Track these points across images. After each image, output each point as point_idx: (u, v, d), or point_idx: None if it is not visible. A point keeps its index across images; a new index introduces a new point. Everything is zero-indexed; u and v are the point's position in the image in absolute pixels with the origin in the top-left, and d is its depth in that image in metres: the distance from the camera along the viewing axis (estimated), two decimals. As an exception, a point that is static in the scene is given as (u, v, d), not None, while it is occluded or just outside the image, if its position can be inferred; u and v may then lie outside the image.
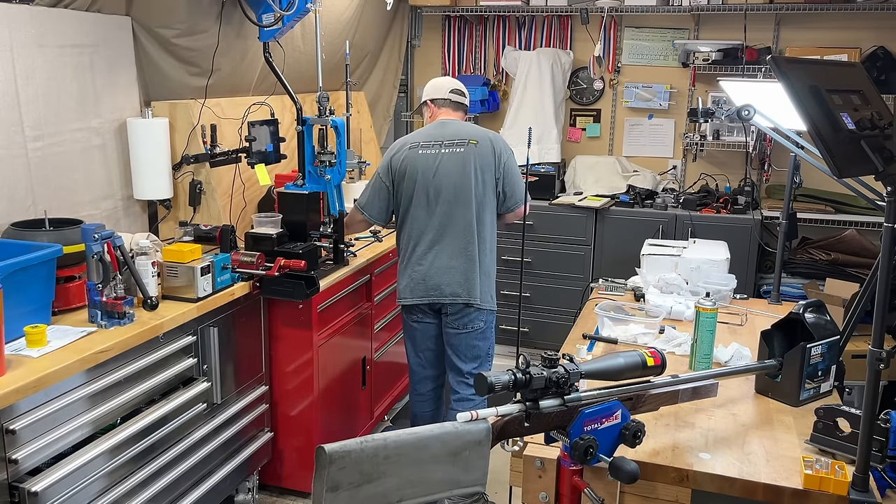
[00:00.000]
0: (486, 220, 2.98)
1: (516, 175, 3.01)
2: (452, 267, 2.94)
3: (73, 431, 2.08)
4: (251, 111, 3.38)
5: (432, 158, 2.96)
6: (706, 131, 4.42)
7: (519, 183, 3.00)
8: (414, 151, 2.98)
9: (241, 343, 2.82)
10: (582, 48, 4.85)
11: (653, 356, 1.55)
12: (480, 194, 2.95)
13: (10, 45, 2.45)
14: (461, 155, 2.95)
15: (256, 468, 3.03)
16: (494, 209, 3.01)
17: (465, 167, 2.94)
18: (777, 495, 1.55)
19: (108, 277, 2.30)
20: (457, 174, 2.94)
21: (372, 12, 4.50)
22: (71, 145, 2.73)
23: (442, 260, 2.95)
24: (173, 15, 3.05)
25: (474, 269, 2.94)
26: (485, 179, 2.96)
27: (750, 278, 4.13)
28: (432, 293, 2.96)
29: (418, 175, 2.96)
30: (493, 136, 3.03)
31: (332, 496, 1.19)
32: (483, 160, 2.96)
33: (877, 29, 4.24)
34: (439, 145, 2.98)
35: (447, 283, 2.94)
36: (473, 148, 2.96)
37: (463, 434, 1.30)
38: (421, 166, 2.96)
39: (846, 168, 1.46)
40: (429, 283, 2.96)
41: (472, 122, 4.98)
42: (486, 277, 3.00)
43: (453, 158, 2.95)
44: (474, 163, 2.94)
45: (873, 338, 1.47)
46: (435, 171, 2.95)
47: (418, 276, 2.97)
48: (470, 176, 2.94)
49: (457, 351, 3.03)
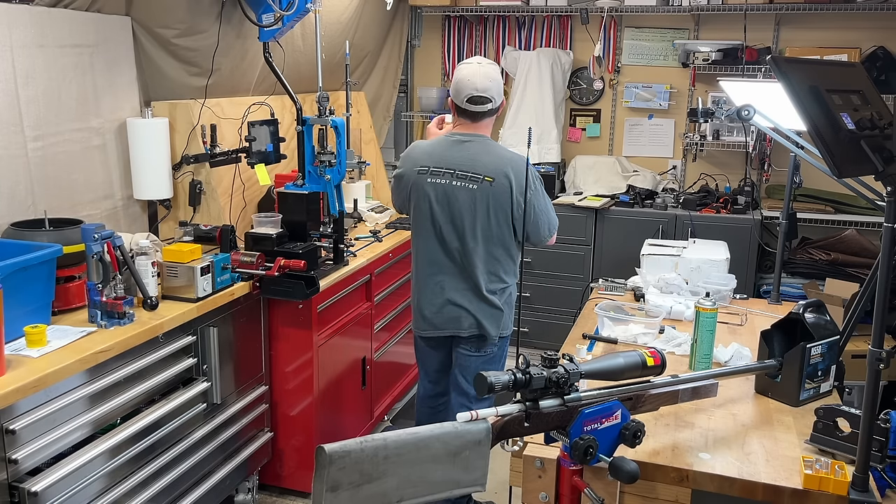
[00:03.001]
0: (501, 257, 2.69)
1: (540, 213, 2.66)
2: (462, 305, 2.71)
3: (73, 431, 2.08)
4: (251, 111, 3.39)
5: (441, 190, 2.65)
6: (706, 131, 4.42)
7: (542, 221, 2.67)
8: (422, 178, 2.68)
9: (240, 343, 2.82)
10: (582, 48, 4.85)
11: (653, 356, 1.55)
12: (497, 234, 2.65)
13: (10, 45, 2.45)
14: (473, 192, 2.62)
15: (256, 468, 3.03)
16: (513, 244, 2.71)
17: (476, 205, 2.63)
18: (777, 495, 1.55)
19: (108, 277, 2.30)
20: (468, 211, 2.64)
21: (372, 12, 4.50)
22: (71, 145, 2.73)
23: (454, 295, 2.72)
24: (173, 15, 3.05)
25: (487, 307, 2.71)
26: (499, 220, 2.64)
27: (750, 278, 4.13)
28: (448, 326, 2.76)
29: (426, 206, 2.69)
30: (513, 169, 2.62)
31: (332, 496, 1.19)
32: (497, 202, 2.62)
33: (877, 29, 4.24)
34: (450, 175, 2.64)
35: (460, 317, 2.73)
36: (488, 187, 2.60)
37: (463, 434, 1.30)
38: (431, 197, 2.67)
39: (846, 168, 1.46)
40: (442, 317, 2.75)
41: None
42: (502, 311, 2.76)
43: (465, 194, 2.63)
44: (488, 203, 2.62)
45: (873, 338, 1.47)
46: (446, 205, 2.66)
47: (429, 309, 2.76)
48: (483, 216, 2.64)
49: (465, 372, 2.83)
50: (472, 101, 2.64)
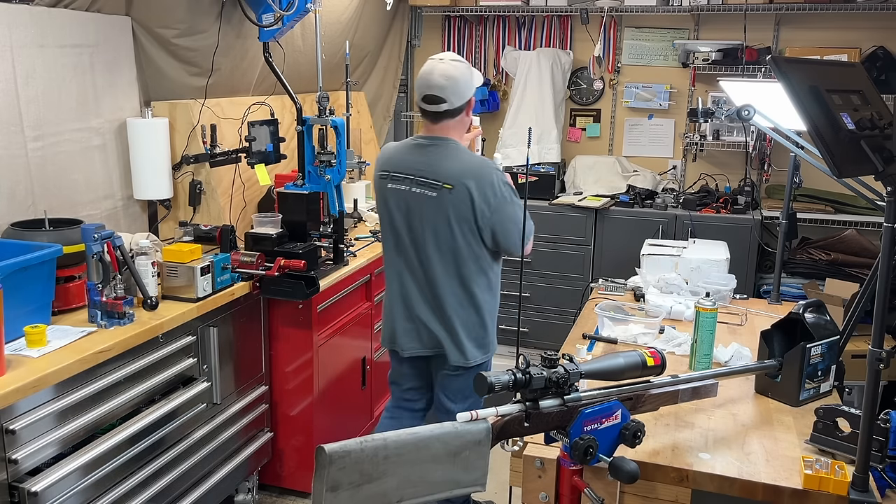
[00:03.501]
0: (469, 270, 2.49)
1: (509, 221, 2.44)
2: (427, 322, 2.55)
3: (73, 431, 2.08)
4: (251, 111, 3.39)
5: (401, 197, 2.49)
6: (706, 131, 4.42)
7: (513, 230, 2.45)
8: (384, 184, 2.54)
9: (240, 343, 2.82)
10: (582, 48, 4.85)
11: (653, 356, 1.55)
12: (464, 245, 2.46)
13: (10, 45, 2.45)
14: (434, 200, 2.43)
15: (256, 468, 3.03)
16: (484, 256, 2.50)
17: (437, 215, 2.44)
18: (777, 495, 1.55)
19: (108, 277, 2.30)
20: (428, 220, 2.46)
21: (372, 12, 4.50)
22: (71, 145, 2.73)
23: (419, 311, 2.55)
24: (173, 15, 3.05)
25: (456, 324, 2.52)
26: (462, 230, 2.44)
27: (750, 278, 4.13)
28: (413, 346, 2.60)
29: (387, 214, 2.56)
30: (474, 177, 2.40)
31: (332, 496, 1.19)
32: (458, 211, 2.42)
33: (877, 29, 4.24)
34: (410, 181, 2.47)
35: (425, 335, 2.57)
36: (447, 195, 2.41)
37: (463, 434, 1.30)
38: (391, 204, 2.53)
39: (846, 168, 1.46)
40: (408, 336, 2.59)
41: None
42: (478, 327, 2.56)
43: (424, 202, 2.45)
44: (448, 212, 2.43)
45: (873, 338, 1.47)
46: (406, 213, 2.49)
47: (397, 325, 2.61)
48: (444, 226, 2.45)
49: (446, 392, 2.66)
50: (426, 101, 2.44)
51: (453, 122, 2.49)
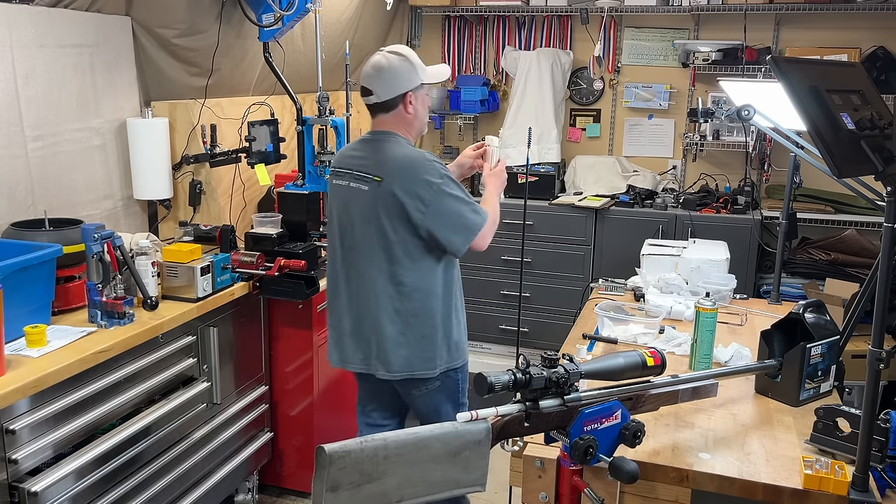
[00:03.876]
0: (407, 272, 2.29)
1: (449, 218, 2.25)
2: (366, 334, 2.36)
3: (73, 431, 2.08)
4: (251, 111, 3.39)
5: (343, 193, 2.36)
6: (706, 131, 4.42)
7: (452, 226, 2.25)
8: (330, 182, 2.44)
9: (241, 343, 2.82)
10: (582, 48, 4.85)
11: (653, 356, 1.55)
12: (399, 243, 2.28)
13: (10, 45, 2.45)
14: (367, 195, 2.29)
15: (256, 468, 3.03)
16: (426, 256, 2.31)
17: (370, 211, 2.28)
18: (777, 495, 1.55)
19: (108, 277, 2.30)
20: (365, 219, 2.30)
21: (372, 12, 4.50)
22: (71, 145, 2.73)
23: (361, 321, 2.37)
24: (173, 15, 3.05)
25: (397, 335, 2.32)
26: (395, 227, 2.26)
27: (750, 278, 4.13)
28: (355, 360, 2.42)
29: (333, 214, 2.42)
30: (405, 172, 2.24)
31: (332, 496, 1.19)
32: (388, 204, 2.25)
33: (877, 29, 4.24)
34: (349, 176, 2.34)
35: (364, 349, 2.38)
36: (376, 187, 2.26)
37: (463, 434, 1.30)
38: (336, 202, 2.41)
39: (846, 168, 1.46)
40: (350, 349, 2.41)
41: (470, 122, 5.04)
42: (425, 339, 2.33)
43: (361, 197, 2.31)
44: (380, 208, 2.27)
45: (873, 338, 1.47)
46: (346, 210, 2.36)
47: (338, 338, 2.44)
48: (378, 223, 2.28)
49: (418, 412, 2.50)
50: (364, 90, 2.35)
51: (389, 117, 2.34)
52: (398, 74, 2.30)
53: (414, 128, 2.39)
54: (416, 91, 2.34)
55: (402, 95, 2.31)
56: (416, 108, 2.36)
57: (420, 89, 2.35)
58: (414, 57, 2.34)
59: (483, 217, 2.32)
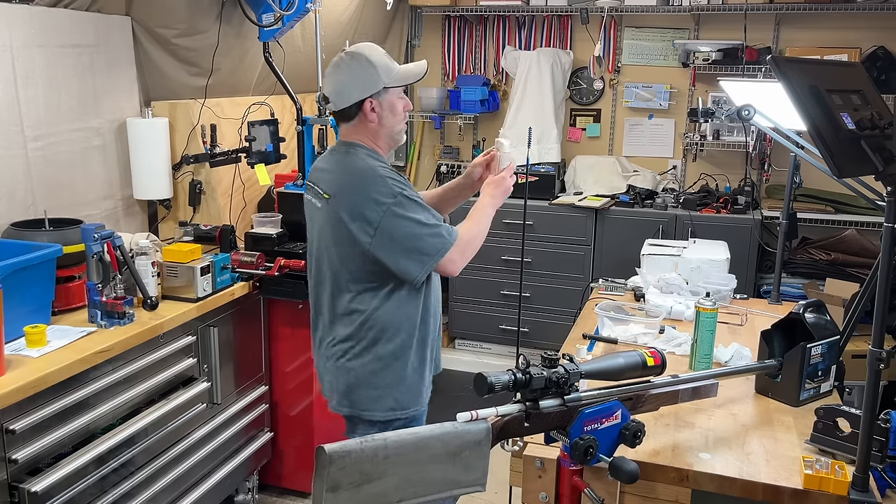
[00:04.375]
0: (357, 299, 2.06)
1: (399, 241, 1.98)
2: (318, 365, 2.20)
3: (74, 431, 2.08)
4: (251, 111, 3.39)
5: (307, 209, 2.18)
6: (706, 131, 4.42)
7: (403, 251, 1.98)
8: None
9: (241, 343, 2.82)
10: (582, 48, 4.85)
11: (653, 356, 1.55)
12: (350, 268, 2.04)
13: (10, 45, 2.45)
14: (320, 213, 2.09)
15: (256, 468, 3.03)
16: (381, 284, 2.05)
17: (322, 229, 2.09)
18: (777, 495, 1.55)
19: (108, 277, 2.30)
20: (318, 238, 2.11)
21: (372, 12, 4.50)
22: (71, 145, 2.73)
23: (316, 355, 2.22)
24: (173, 15, 3.05)
25: (339, 370, 2.11)
26: (341, 251, 2.05)
27: (750, 278, 4.13)
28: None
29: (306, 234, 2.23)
30: (351, 189, 2.01)
31: (332, 496, 1.19)
32: (334, 225, 2.04)
33: (877, 29, 4.24)
34: (311, 189, 2.14)
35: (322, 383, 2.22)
36: (325, 205, 2.06)
37: (463, 434, 1.30)
38: (305, 218, 2.22)
39: (846, 168, 1.45)
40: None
41: (470, 122, 5.04)
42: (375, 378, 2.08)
43: (316, 214, 2.11)
44: (329, 227, 2.06)
45: (873, 338, 1.47)
46: (310, 228, 2.18)
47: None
48: (327, 243, 2.08)
49: None
50: (325, 98, 2.16)
51: (350, 127, 2.10)
52: (354, 79, 2.04)
53: (380, 137, 2.12)
54: (379, 96, 2.06)
55: (360, 103, 2.05)
56: (382, 115, 2.08)
57: (384, 94, 2.06)
58: (377, 56, 2.06)
59: (448, 239, 2.01)
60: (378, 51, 2.08)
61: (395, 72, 2.08)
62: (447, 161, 5.12)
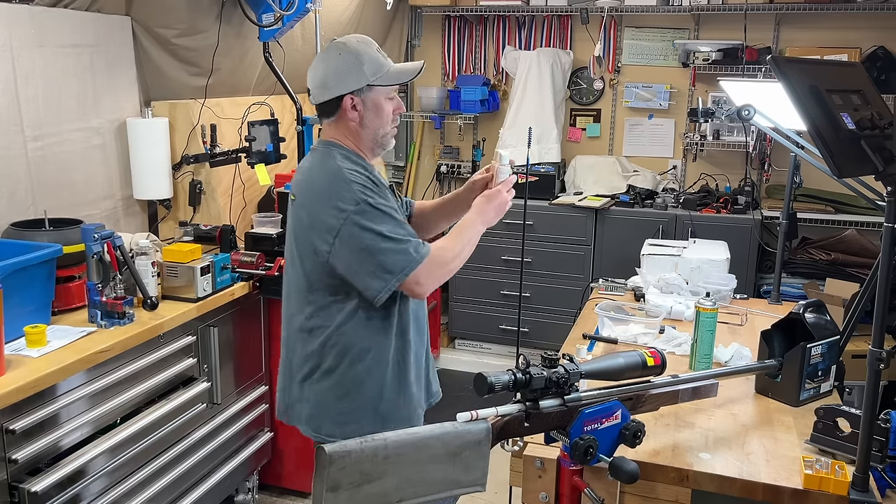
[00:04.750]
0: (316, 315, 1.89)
1: (359, 254, 1.77)
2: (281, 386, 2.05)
3: (73, 431, 2.08)
4: (251, 111, 3.38)
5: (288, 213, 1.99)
6: (706, 131, 4.42)
7: (365, 265, 1.77)
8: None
9: (241, 343, 2.81)
10: (582, 48, 4.85)
11: (653, 356, 1.55)
12: (313, 278, 1.86)
13: (10, 45, 2.45)
14: (290, 216, 1.94)
15: (256, 468, 3.03)
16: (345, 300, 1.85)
17: (289, 235, 1.94)
18: (777, 495, 1.55)
19: (108, 277, 2.30)
20: (288, 244, 1.95)
21: (372, 12, 4.50)
22: (71, 145, 2.73)
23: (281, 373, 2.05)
24: (173, 15, 3.05)
25: (300, 392, 1.95)
26: (304, 259, 1.87)
27: (750, 278, 4.13)
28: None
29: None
30: (315, 194, 1.84)
31: (332, 496, 1.19)
32: (297, 231, 1.88)
33: (877, 29, 4.24)
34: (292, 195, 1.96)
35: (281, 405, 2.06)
36: (292, 208, 1.92)
37: (463, 434, 1.30)
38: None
39: (846, 168, 1.45)
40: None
41: (470, 122, 5.04)
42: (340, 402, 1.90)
43: (289, 217, 1.96)
44: (294, 231, 1.91)
45: (873, 338, 1.47)
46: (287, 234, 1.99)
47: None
48: (291, 251, 1.92)
49: None
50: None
51: (329, 124, 1.94)
52: (337, 72, 1.87)
53: (362, 139, 1.93)
54: (362, 94, 1.88)
55: (339, 99, 1.89)
56: (364, 114, 1.90)
57: (368, 91, 1.88)
58: (365, 51, 1.88)
59: (415, 257, 1.77)
60: (369, 45, 1.91)
61: (386, 70, 1.89)
62: (447, 161, 5.12)
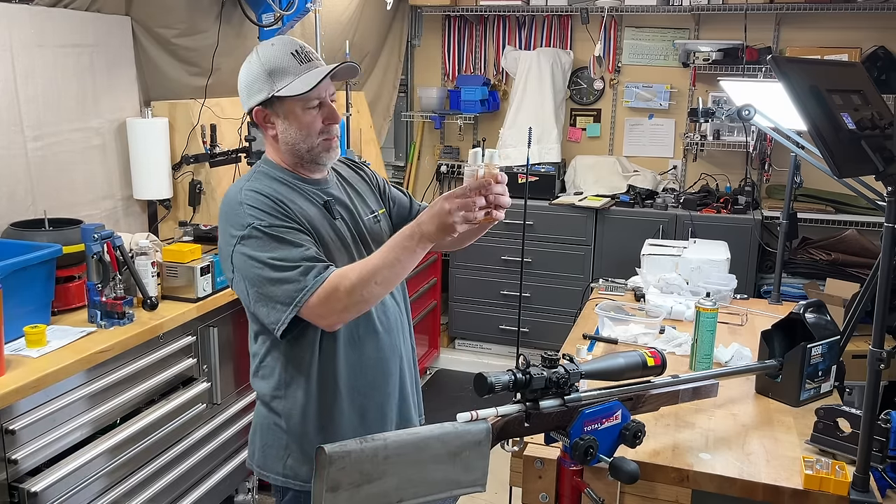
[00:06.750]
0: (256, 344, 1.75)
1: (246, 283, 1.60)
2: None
3: (73, 431, 2.08)
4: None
5: None
6: (706, 131, 4.42)
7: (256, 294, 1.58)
8: None
9: (241, 343, 2.81)
10: (582, 48, 4.85)
11: (653, 356, 1.54)
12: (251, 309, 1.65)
13: (10, 45, 2.45)
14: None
15: (256, 468, 3.02)
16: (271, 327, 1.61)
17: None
18: (777, 495, 1.55)
19: (108, 277, 2.30)
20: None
21: (372, 12, 4.50)
22: (71, 145, 2.73)
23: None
24: (173, 15, 3.05)
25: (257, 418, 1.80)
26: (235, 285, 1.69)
27: (750, 278, 4.13)
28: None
29: None
30: (220, 216, 1.67)
31: (332, 496, 1.19)
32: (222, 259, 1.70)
33: (877, 29, 4.24)
34: None
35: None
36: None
37: (463, 434, 1.30)
38: None
39: (846, 168, 1.45)
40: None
41: (470, 122, 5.03)
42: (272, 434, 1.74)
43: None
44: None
45: (873, 338, 1.47)
46: None
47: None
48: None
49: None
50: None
51: (265, 137, 1.76)
52: (245, 84, 1.74)
53: (284, 153, 1.71)
54: (272, 106, 1.68)
55: (252, 112, 1.73)
56: (280, 127, 1.69)
57: (278, 103, 1.67)
58: (275, 58, 1.67)
59: (305, 285, 1.53)
60: (286, 48, 1.68)
61: (294, 78, 1.65)
62: (447, 161, 5.12)
